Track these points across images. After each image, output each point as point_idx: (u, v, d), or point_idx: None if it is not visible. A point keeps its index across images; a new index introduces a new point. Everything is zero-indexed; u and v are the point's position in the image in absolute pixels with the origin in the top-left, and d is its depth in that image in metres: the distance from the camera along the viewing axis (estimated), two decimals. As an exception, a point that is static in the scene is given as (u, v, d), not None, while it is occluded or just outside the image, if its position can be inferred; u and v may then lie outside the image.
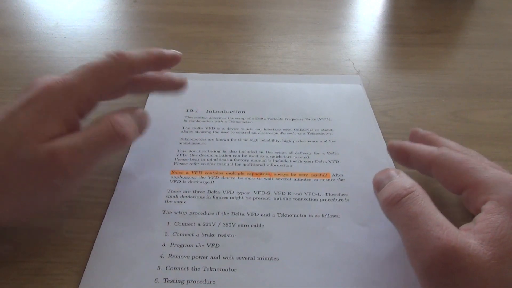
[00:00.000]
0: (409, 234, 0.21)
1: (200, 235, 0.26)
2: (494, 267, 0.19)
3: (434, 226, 0.20)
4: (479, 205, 0.22)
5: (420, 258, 0.20)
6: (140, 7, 0.55)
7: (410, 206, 0.22)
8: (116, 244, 0.25)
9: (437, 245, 0.19)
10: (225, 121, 0.35)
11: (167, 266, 0.24)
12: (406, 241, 0.21)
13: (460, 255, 0.19)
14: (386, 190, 0.24)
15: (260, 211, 0.28)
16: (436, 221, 0.20)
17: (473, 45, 0.48)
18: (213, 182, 0.30)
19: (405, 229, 0.21)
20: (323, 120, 0.35)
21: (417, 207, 0.21)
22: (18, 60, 0.44)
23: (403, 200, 0.22)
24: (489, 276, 0.18)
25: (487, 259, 0.19)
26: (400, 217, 0.22)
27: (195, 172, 0.30)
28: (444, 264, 0.19)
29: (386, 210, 0.24)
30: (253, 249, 0.25)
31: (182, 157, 0.32)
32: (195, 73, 0.41)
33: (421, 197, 0.22)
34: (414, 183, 0.23)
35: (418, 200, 0.22)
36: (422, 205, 0.21)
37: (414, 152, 0.27)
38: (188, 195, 0.29)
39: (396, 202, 0.22)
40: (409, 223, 0.21)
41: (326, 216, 0.27)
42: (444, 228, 0.20)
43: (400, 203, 0.22)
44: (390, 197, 0.23)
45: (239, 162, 0.31)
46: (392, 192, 0.23)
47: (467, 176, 0.24)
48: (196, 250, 0.25)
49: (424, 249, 0.20)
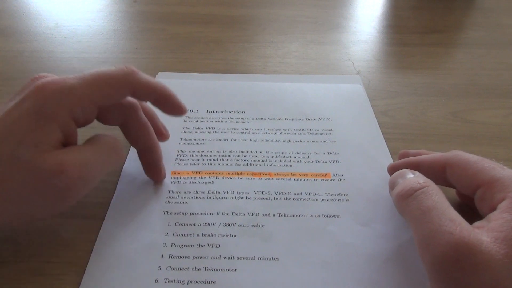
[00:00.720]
0: (422, 227, 0.21)
1: (200, 235, 0.26)
2: (507, 266, 0.18)
3: (447, 221, 0.20)
4: (496, 203, 0.22)
5: (432, 252, 0.20)
6: (140, 7, 0.55)
7: (423, 199, 0.22)
8: (116, 245, 0.25)
9: (449, 240, 0.19)
10: (225, 121, 0.35)
11: (168, 267, 0.24)
12: (417, 235, 0.21)
13: (473, 252, 0.19)
14: (399, 185, 0.24)
15: (261, 211, 0.28)
16: (450, 216, 0.20)
17: (473, 45, 0.48)
18: (214, 182, 0.30)
19: (418, 223, 0.21)
20: (323, 120, 0.35)
21: (431, 202, 0.21)
22: (18, 60, 0.44)
23: (417, 194, 0.22)
24: (500, 275, 0.18)
25: (499, 258, 0.18)
26: (413, 210, 0.22)
27: (195, 173, 0.30)
28: (456, 260, 0.19)
29: (399, 205, 0.23)
30: (254, 249, 0.25)
31: (183, 157, 0.32)
32: (195, 73, 0.41)
33: (435, 192, 0.22)
34: (428, 180, 0.23)
35: (432, 195, 0.22)
36: (435, 200, 0.21)
37: (425, 161, 0.27)
38: (188, 195, 0.29)
39: (409, 195, 0.22)
40: (421, 217, 0.21)
41: (326, 216, 0.27)
42: (457, 224, 0.20)
43: (413, 196, 0.22)
44: (403, 191, 0.23)
45: (239, 162, 0.31)
46: (405, 186, 0.23)
47: (483, 173, 0.23)
48: (196, 251, 0.25)
49: (436, 243, 0.20)
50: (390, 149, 0.33)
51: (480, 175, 0.23)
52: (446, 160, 0.25)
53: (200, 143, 0.33)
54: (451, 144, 0.34)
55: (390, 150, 0.33)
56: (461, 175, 0.25)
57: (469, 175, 0.24)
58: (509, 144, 0.34)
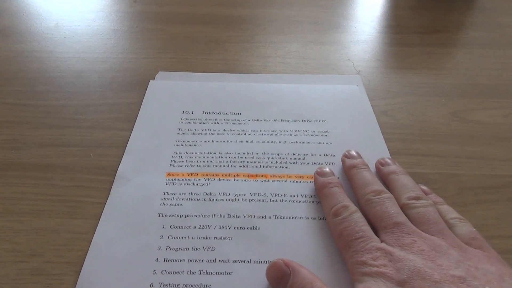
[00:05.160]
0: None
1: (195, 238, 0.26)
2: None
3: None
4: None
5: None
6: (140, 7, 0.55)
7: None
8: (111, 249, 0.25)
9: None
10: (221, 122, 0.35)
11: (163, 270, 0.24)
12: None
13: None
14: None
15: (256, 214, 0.28)
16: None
17: (473, 45, 0.48)
18: (209, 184, 0.30)
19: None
20: (319, 122, 0.35)
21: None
22: (18, 60, 0.44)
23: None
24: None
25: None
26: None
27: (190, 174, 0.30)
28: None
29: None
30: (250, 252, 0.25)
31: (178, 159, 0.32)
32: (195, 73, 0.41)
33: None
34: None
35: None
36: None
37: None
38: (183, 197, 0.29)
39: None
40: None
41: (322, 219, 0.27)
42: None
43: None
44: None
45: (235, 163, 0.31)
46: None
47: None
48: (191, 254, 0.25)
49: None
50: (390, 149, 0.33)
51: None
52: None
53: (196, 145, 0.33)
54: (451, 144, 0.34)
55: (390, 150, 0.33)
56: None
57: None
58: (509, 144, 0.34)
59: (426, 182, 0.30)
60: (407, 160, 0.32)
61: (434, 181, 0.31)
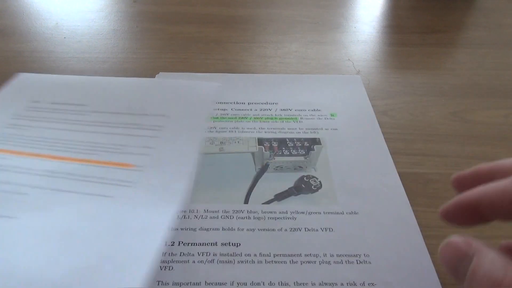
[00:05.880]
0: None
1: None
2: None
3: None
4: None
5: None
6: (140, 7, 0.55)
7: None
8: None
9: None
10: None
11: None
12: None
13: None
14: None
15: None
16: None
17: (473, 45, 0.48)
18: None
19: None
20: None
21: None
22: (18, 60, 0.44)
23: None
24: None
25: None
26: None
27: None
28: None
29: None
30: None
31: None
32: (195, 73, 0.41)
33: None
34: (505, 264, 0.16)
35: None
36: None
37: (486, 198, 0.20)
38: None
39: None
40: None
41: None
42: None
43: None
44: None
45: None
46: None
47: None
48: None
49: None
50: (390, 149, 0.33)
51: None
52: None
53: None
54: (451, 144, 0.34)
55: (390, 150, 0.33)
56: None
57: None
58: (509, 144, 0.34)
59: (426, 182, 0.30)
60: (407, 160, 0.32)
61: (434, 181, 0.31)
